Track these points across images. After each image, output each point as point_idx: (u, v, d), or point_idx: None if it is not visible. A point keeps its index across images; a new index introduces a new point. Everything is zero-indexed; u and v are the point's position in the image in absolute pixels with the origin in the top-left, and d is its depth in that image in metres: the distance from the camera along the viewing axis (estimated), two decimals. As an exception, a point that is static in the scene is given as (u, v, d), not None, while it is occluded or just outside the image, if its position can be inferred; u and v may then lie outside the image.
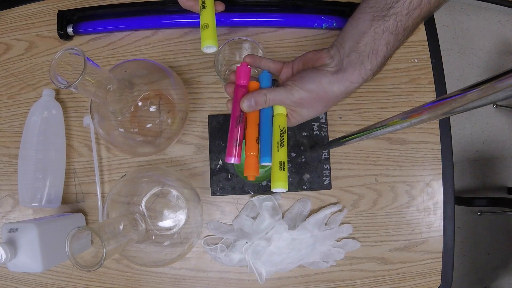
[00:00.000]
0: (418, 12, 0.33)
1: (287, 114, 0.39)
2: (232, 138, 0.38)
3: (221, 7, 0.44)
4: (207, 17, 0.40)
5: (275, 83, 0.42)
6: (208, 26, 0.39)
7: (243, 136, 0.39)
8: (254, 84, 0.40)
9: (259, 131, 0.39)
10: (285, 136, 0.37)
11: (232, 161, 0.38)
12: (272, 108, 0.39)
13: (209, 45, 0.39)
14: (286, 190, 0.36)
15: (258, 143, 0.38)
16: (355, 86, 0.36)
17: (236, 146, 0.38)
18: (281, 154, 0.36)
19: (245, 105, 0.37)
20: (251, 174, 0.38)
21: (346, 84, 0.36)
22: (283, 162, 0.36)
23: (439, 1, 0.34)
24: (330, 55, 0.37)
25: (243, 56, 0.54)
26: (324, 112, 0.39)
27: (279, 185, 0.35)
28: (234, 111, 0.39)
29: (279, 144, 0.37)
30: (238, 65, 0.40)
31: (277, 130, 0.38)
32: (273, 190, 0.36)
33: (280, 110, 0.39)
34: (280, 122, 0.38)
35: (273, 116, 0.39)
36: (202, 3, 0.41)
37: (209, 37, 0.39)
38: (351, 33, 0.36)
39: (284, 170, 0.36)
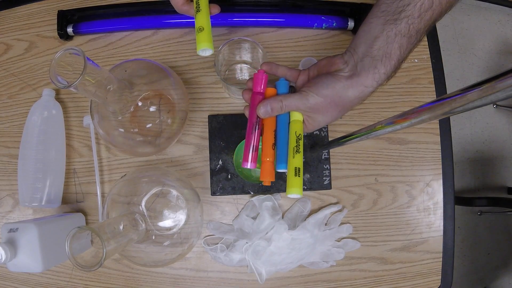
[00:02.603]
0: (430, 14, 0.33)
1: (303, 120, 0.40)
2: (248, 143, 0.38)
3: (216, 9, 0.44)
4: (202, 20, 0.40)
5: (292, 90, 0.42)
6: (203, 29, 0.39)
7: (259, 142, 0.39)
8: (271, 91, 0.40)
9: (275, 137, 0.39)
10: (301, 142, 0.38)
11: (248, 166, 0.38)
12: (288, 114, 0.40)
13: (205, 48, 0.39)
14: (301, 196, 0.36)
15: (274, 149, 0.39)
16: (369, 90, 0.36)
17: (252, 151, 0.38)
18: (296, 161, 0.37)
19: (261, 111, 0.38)
20: (266, 179, 0.39)
21: (360, 89, 0.36)
22: (299, 168, 0.36)
23: (451, 2, 0.34)
24: (344, 60, 0.37)
25: (243, 56, 0.54)
26: (339, 117, 0.39)
27: (294, 191, 0.36)
28: (251, 117, 0.39)
29: (295, 151, 0.37)
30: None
31: (293, 136, 0.38)
32: (288, 195, 0.36)
33: (296, 116, 0.39)
34: (296, 129, 0.38)
35: (289, 122, 0.40)
36: (196, 6, 0.40)
37: (204, 40, 0.39)
38: (364, 38, 0.36)
39: (299, 176, 0.36)
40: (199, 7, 0.40)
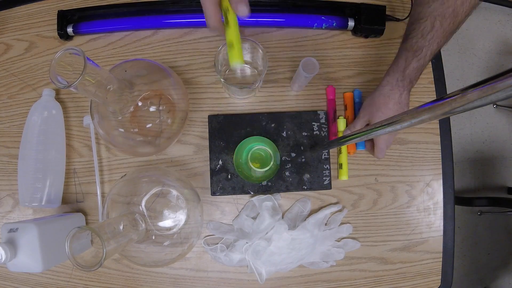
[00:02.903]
0: (431, 35, 0.44)
1: (373, 146, 0.52)
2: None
3: (243, 12, 0.41)
4: (231, 36, 0.43)
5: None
6: (233, 44, 0.42)
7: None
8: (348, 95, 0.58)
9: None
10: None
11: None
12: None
13: (236, 62, 0.43)
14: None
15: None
16: (383, 86, 0.49)
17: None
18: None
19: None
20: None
21: (379, 88, 0.50)
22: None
23: (452, 28, 0.45)
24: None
25: (243, 56, 0.54)
26: (384, 111, 0.49)
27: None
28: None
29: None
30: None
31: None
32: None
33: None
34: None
35: None
36: (225, 23, 0.42)
37: (234, 56, 0.43)
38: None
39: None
40: (228, 23, 0.42)
